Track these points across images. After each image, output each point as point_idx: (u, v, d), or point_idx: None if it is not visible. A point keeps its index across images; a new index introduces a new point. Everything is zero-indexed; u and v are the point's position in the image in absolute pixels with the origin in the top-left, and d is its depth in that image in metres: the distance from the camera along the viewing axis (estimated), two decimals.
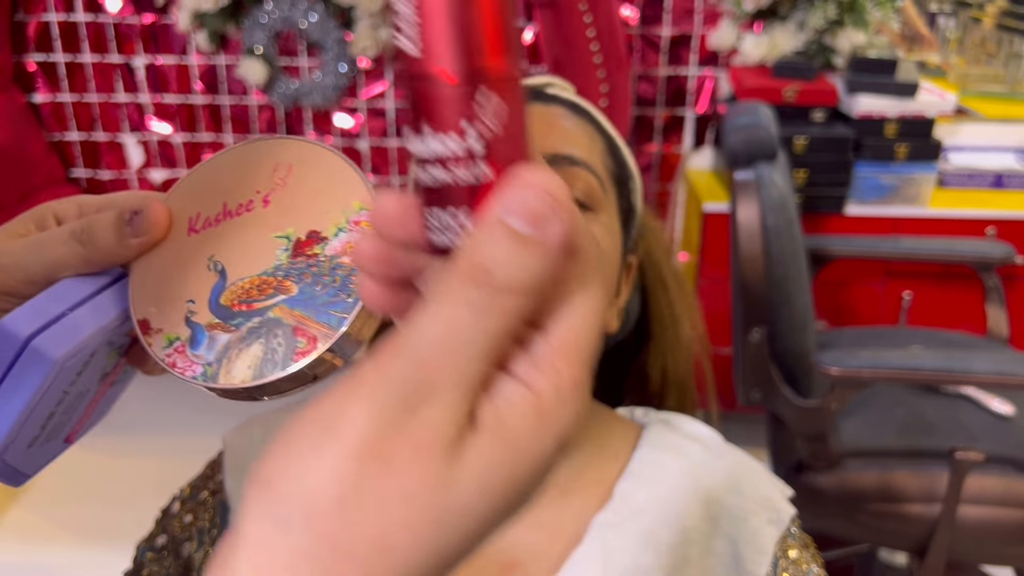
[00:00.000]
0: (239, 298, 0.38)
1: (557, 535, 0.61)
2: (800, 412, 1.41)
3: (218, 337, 0.37)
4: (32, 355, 0.36)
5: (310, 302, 0.37)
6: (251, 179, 0.40)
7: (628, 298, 0.70)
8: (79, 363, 0.38)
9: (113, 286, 0.40)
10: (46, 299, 0.38)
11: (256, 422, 0.70)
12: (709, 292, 2.03)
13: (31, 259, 0.38)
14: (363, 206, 0.38)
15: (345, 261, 0.37)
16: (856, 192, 1.98)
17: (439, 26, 0.24)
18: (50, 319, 0.37)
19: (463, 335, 0.24)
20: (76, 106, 2.35)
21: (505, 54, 0.25)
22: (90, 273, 0.39)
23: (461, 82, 0.25)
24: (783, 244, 1.42)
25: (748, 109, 1.52)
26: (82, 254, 0.38)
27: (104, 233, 0.39)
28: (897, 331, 1.84)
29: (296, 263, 0.38)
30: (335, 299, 0.36)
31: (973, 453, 1.32)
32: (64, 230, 0.39)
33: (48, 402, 0.37)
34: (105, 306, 0.39)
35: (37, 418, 0.37)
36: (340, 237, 0.38)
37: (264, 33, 2.16)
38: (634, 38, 2.23)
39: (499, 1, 0.25)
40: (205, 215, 0.40)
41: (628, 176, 0.66)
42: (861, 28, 2.04)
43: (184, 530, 0.67)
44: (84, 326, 0.37)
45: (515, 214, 0.24)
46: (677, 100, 2.30)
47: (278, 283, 0.38)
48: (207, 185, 0.41)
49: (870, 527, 1.43)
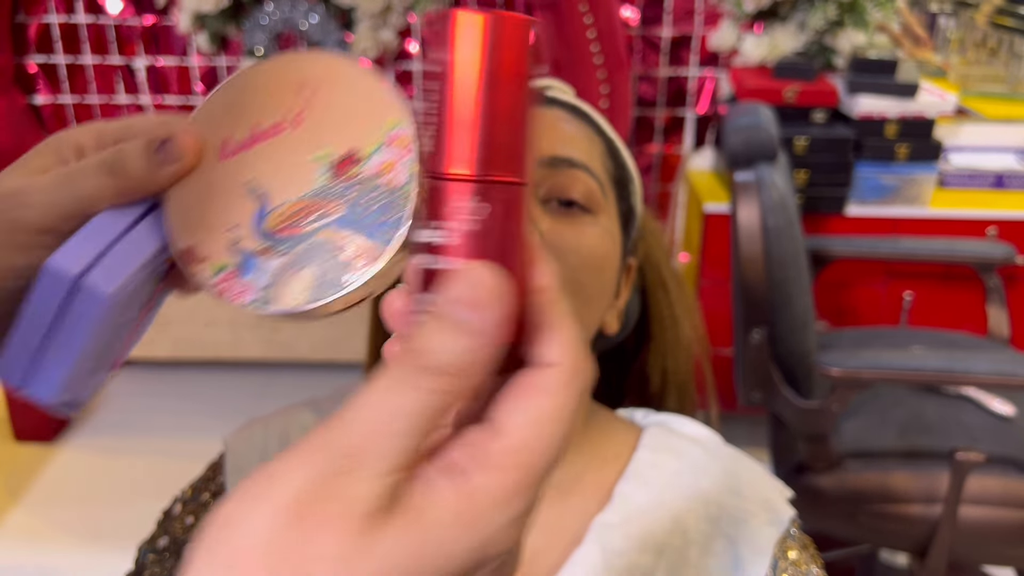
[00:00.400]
0: (284, 222, 0.38)
1: (557, 536, 0.61)
2: (801, 413, 1.41)
3: (268, 262, 0.37)
4: (85, 294, 0.36)
5: (358, 223, 0.37)
6: (278, 99, 0.39)
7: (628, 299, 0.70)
8: (126, 295, 0.38)
9: (149, 216, 0.39)
10: (85, 236, 0.37)
11: (257, 424, 0.70)
12: (710, 293, 2.03)
13: (63, 195, 0.37)
14: (397, 122, 0.37)
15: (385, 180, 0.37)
16: (857, 193, 1.98)
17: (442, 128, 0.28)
18: (95, 255, 0.36)
19: (389, 413, 0.24)
20: (77, 107, 2.35)
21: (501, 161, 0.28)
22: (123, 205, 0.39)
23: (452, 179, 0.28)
24: (784, 245, 1.42)
25: (748, 110, 1.52)
26: (114, 186, 0.38)
27: (135, 163, 0.38)
28: (898, 332, 1.84)
29: (337, 184, 0.37)
30: (381, 219, 0.36)
31: (974, 454, 1.32)
32: (92, 163, 0.38)
33: (101, 336, 0.37)
34: (145, 237, 0.39)
35: (90, 352, 0.37)
36: (378, 155, 0.37)
37: (265, 34, 2.17)
38: (635, 39, 2.23)
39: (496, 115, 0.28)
40: (235, 138, 0.39)
41: (628, 178, 0.67)
42: (861, 28, 2.04)
43: (186, 532, 0.67)
44: (130, 259, 0.37)
45: (453, 301, 0.26)
46: (678, 101, 2.30)
47: (321, 205, 0.37)
48: (231, 107, 0.40)
49: (871, 528, 1.43)
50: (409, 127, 0.37)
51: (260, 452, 0.67)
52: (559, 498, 0.62)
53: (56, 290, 0.36)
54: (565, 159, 0.59)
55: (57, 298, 0.36)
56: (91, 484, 2.15)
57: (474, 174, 0.28)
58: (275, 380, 2.50)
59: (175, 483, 0.75)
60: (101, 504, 2.09)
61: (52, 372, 0.37)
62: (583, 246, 0.58)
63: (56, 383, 0.37)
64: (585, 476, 0.63)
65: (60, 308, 0.36)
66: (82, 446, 2.30)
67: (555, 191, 0.59)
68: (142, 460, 2.13)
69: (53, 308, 0.36)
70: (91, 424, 2.38)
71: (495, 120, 0.28)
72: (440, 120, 0.28)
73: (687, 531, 0.59)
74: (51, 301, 0.36)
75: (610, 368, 0.79)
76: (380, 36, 2.15)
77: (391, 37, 2.16)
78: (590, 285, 0.58)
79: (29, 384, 0.37)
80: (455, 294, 0.26)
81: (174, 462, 1.33)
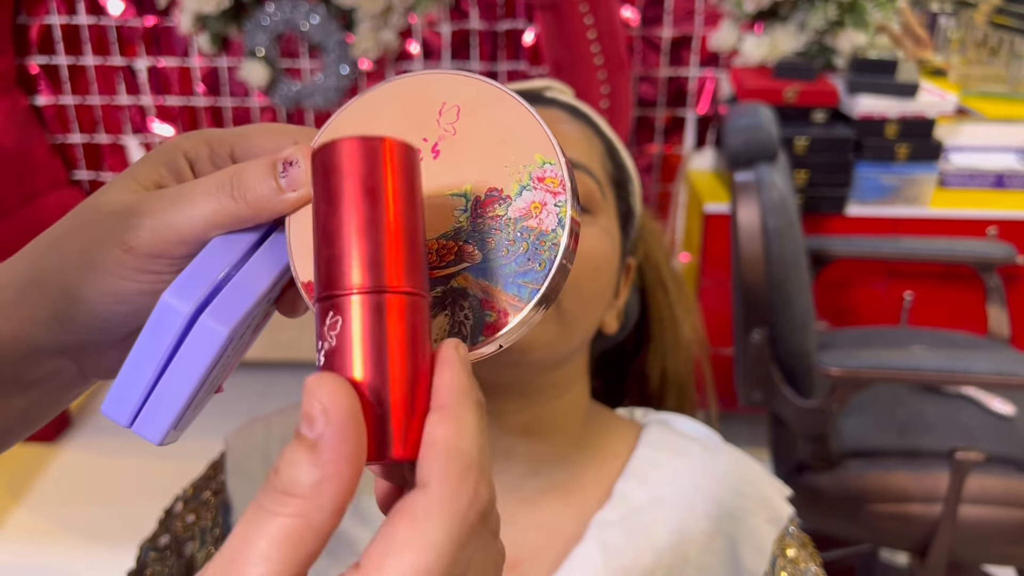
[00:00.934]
0: None
1: (557, 534, 0.61)
2: (801, 412, 1.41)
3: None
4: (202, 332, 0.33)
5: (497, 271, 0.33)
6: (415, 122, 0.35)
7: (627, 299, 0.71)
8: (243, 328, 0.35)
9: (267, 241, 0.36)
10: (202, 264, 0.34)
11: (258, 423, 0.70)
12: (710, 293, 2.03)
13: (177, 218, 0.34)
14: (546, 160, 0.34)
15: (531, 224, 0.33)
16: (857, 193, 1.98)
17: (312, 249, 0.30)
18: (212, 289, 0.34)
19: (248, 536, 0.24)
20: (78, 108, 2.36)
21: (365, 273, 0.28)
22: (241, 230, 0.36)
23: (315, 299, 0.29)
24: (784, 245, 1.42)
25: (749, 110, 1.53)
26: (233, 211, 0.34)
27: (257, 187, 0.34)
28: (898, 331, 1.84)
29: (477, 226, 0.34)
30: (523, 267, 0.33)
31: (974, 453, 1.32)
32: (210, 183, 0.35)
33: (214, 369, 0.35)
34: (264, 267, 0.35)
35: (202, 389, 0.35)
36: (524, 196, 0.34)
37: (266, 35, 2.17)
38: (635, 39, 2.24)
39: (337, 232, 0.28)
40: None
41: (627, 179, 0.67)
42: (861, 29, 2.04)
43: (187, 530, 0.68)
44: (248, 293, 0.34)
45: (301, 417, 0.26)
46: (678, 101, 2.30)
47: (459, 248, 0.34)
48: (365, 128, 0.36)
49: (871, 527, 1.43)
50: (560, 165, 0.34)
51: (261, 451, 0.68)
52: (559, 496, 0.62)
53: (170, 328, 0.33)
54: None
55: (171, 337, 0.33)
56: (93, 483, 2.16)
57: (323, 292, 0.28)
58: (278, 380, 2.51)
59: (177, 482, 0.75)
60: (103, 503, 2.09)
61: (163, 413, 0.35)
62: (582, 247, 0.58)
63: (167, 424, 0.35)
64: (585, 474, 0.64)
65: (174, 347, 0.34)
66: (84, 445, 2.31)
67: None
68: (143, 459, 2.13)
69: (167, 347, 0.34)
70: (93, 424, 2.39)
71: (333, 238, 0.28)
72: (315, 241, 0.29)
73: (686, 529, 0.60)
74: (165, 339, 0.33)
75: (609, 368, 0.80)
76: (381, 37, 2.15)
77: (392, 38, 2.17)
78: (589, 285, 0.58)
79: (138, 425, 0.35)
80: (302, 410, 0.26)
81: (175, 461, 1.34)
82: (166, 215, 0.34)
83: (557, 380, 0.61)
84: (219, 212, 0.34)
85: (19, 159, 2.24)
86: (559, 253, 0.33)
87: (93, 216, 0.35)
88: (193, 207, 0.34)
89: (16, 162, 2.22)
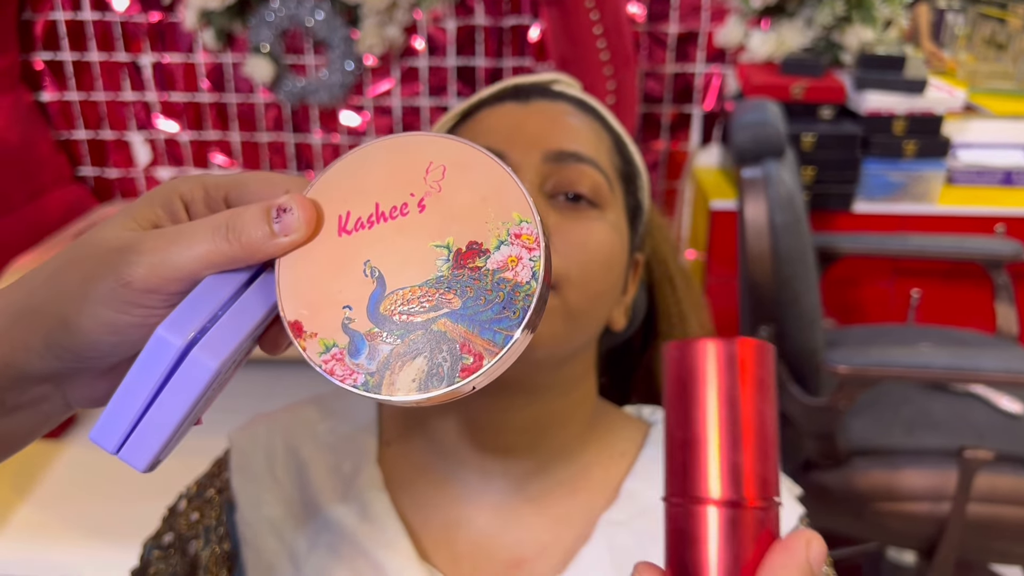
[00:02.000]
0: (399, 308, 0.37)
1: (564, 533, 0.60)
2: (808, 410, 1.40)
3: (379, 347, 0.37)
4: (192, 365, 0.35)
5: (474, 317, 0.36)
6: (403, 179, 0.38)
7: (635, 295, 0.70)
8: (231, 362, 0.37)
9: (256, 281, 0.39)
10: (195, 301, 0.37)
11: (261, 421, 0.70)
12: (716, 290, 2.02)
13: (173, 256, 0.36)
14: (523, 218, 0.37)
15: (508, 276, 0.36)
16: (864, 189, 1.97)
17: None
18: (203, 324, 0.36)
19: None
20: (83, 104, 2.35)
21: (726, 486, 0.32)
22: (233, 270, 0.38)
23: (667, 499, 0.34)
24: (791, 242, 1.41)
25: (756, 106, 1.52)
26: (227, 252, 0.37)
27: (251, 231, 0.37)
28: (906, 329, 1.83)
29: (458, 275, 0.37)
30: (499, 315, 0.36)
31: (982, 452, 1.31)
32: (206, 225, 0.37)
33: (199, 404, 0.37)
34: (252, 305, 0.38)
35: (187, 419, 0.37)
36: (502, 250, 0.37)
37: (271, 31, 2.17)
38: (641, 35, 2.23)
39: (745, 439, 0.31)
40: (356, 215, 0.38)
41: (635, 173, 0.66)
42: (869, 24, 2.03)
43: (191, 528, 0.67)
44: (237, 330, 0.37)
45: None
46: (684, 97, 2.30)
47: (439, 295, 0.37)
48: (355, 181, 0.39)
49: (878, 526, 1.43)
50: (535, 224, 0.37)
51: (265, 449, 0.67)
52: (566, 494, 0.62)
53: (162, 361, 0.35)
54: (572, 153, 0.59)
55: (162, 369, 0.36)
56: (98, 480, 2.16)
57: (677, 497, 0.31)
58: (281, 378, 2.51)
59: (181, 480, 0.75)
60: (107, 500, 2.09)
61: (149, 442, 0.36)
62: (590, 241, 0.57)
63: (152, 452, 0.37)
64: (592, 473, 0.63)
65: (164, 379, 0.36)
66: (89, 443, 2.30)
67: (562, 186, 0.58)
68: None
69: (158, 379, 0.36)
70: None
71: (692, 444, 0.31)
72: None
73: None
74: (156, 371, 0.36)
75: (617, 364, 0.79)
76: (386, 33, 2.15)
77: (397, 34, 2.16)
78: (597, 281, 0.58)
79: (125, 452, 0.37)
80: None
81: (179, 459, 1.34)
82: (164, 253, 0.36)
83: (564, 377, 0.61)
84: (214, 252, 0.36)
85: (24, 155, 2.23)
86: (532, 304, 0.35)
87: (93, 251, 0.37)
88: (190, 247, 0.36)
89: (21, 158, 2.22)
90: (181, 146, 2.39)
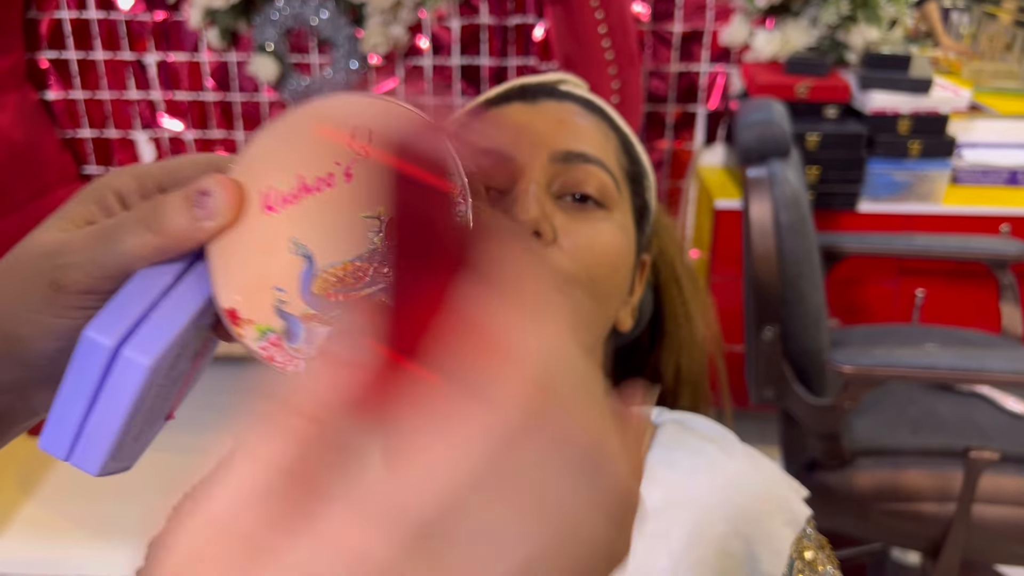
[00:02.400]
0: (333, 287, 0.35)
1: None
2: (813, 411, 1.40)
3: (316, 330, 0.35)
4: (124, 365, 0.34)
5: None
6: (327, 147, 0.36)
7: (642, 296, 0.70)
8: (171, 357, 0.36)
9: (190, 272, 0.37)
10: (124, 299, 0.35)
11: None
12: (721, 290, 2.02)
13: (102, 254, 0.35)
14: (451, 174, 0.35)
15: None
16: (869, 189, 1.97)
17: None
18: (134, 322, 0.34)
19: None
20: (88, 103, 2.36)
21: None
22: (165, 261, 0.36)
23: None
24: (796, 241, 1.41)
25: (760, 106, 1.51)
26: (154, 244, 0.35)
27: (173, 219, 0.35)
28: (911, 329, 1.83)
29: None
30: None
31: (987, 452, 1.31)
32: (131, 217, 0.36)
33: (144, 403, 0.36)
34: (187, 297, 0.36)
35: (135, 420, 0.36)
36: None
37: (275, 30, 2.16)
38: (646, 34, 2.22)
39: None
40: (279, 190, 0.36)
41: (642, 173, 0.66)
42: (874, 24, 2.03)
43: None
44: (170, 324, 0.35)
45: None
46: (689, 97, 2.29)
47: (374, 270, 0.35)
48: (277, 155, 0.36)
49: (883, 526, 1.42)
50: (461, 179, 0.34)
51: None
52: None
53: (94, 362, 0.34)
54: (579, 154, 0.59)
55: (96, 370, 0.34)
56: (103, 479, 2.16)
57: None
58: None
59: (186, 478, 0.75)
60: (113, 498, 2.10)
61: (96, 444, 0.35)
62: (597, 242, 0.57)
63: (101, 455, 0.35)
64: None
65: (100, 381, 0.34)
66: None
67: (569, 186, 0.58)
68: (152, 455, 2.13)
69: (93, 381, 0.34)
70: None
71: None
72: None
73: (702, 531, 0.59)
74: (90, 373, 0.34)
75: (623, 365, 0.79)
76: (390, 32, 2.15)
77: (401, 33, 2.16)
78: (604, 281, 0.57)
79: (74, 457, 0.36)
80: None
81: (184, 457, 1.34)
82: (91, 252, 0.35)
83: None
84: (141, 246, 0.35)
85: (29, 154, 2.24)
86: None
87: (25, 257, 0.36)
88: (116, 242, 0.35)
89: (26, 157, 2.22)
90: (186, 145, 2.39)
